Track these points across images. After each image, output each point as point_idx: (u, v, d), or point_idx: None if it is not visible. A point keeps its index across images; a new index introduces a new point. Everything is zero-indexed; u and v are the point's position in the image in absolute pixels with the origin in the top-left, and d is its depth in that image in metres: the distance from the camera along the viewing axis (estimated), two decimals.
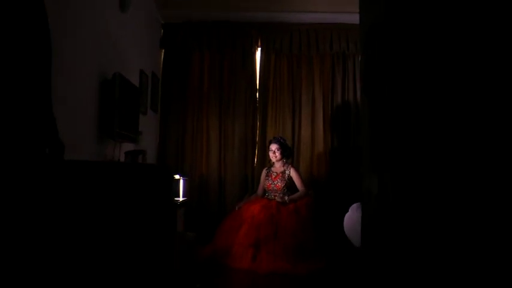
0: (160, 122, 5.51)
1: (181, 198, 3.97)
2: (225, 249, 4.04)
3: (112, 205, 1.82)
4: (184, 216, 4.05)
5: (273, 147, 4.62)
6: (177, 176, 3.90)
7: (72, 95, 2.89)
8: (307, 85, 5.54)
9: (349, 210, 3.72)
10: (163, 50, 5.63)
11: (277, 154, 4.60)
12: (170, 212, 1.86)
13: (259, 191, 4.77)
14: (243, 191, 5.34)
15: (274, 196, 4.53)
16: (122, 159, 3.60)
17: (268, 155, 4.73)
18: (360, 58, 5.14)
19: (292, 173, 4.58)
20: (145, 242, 1.85)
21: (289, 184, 4.58)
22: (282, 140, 4.68)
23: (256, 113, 5.55)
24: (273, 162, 4.73)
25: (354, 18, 2.43)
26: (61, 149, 1.97)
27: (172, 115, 5.52)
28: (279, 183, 4.54)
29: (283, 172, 4.60)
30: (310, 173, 5.40)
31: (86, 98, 3.16)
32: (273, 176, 4.63)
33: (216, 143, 5.50)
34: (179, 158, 5.48)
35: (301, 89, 5.55)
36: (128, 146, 3.84)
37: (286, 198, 4.39)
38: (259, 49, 5.62)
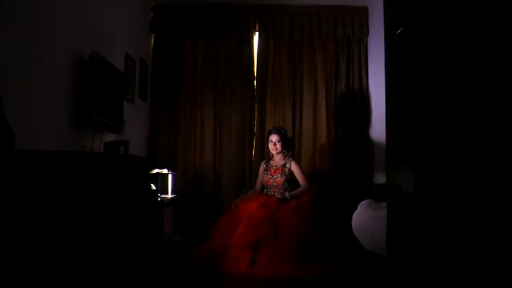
0: (150, 111, 5.10)
1: (169, 195, 3.56)
2: (220, 251, 3.65)
3: (66, 202, 1.42)
4: (174, 214, 3.66)
5: (273, 138, 4.23)
6: (164, 171, 3.49)
7: (40, 75, 2.48)
8: (309, 72, 5.14)
9: (358, 207, 3.33)
10: (153, 35, 5.20)
11: (277, 146, 4.21)
12: (145, 213, 1.45)
13: (257, 186, 4.38)
14: (240, 186, 4.96)
15: (274, 192, 4.14)
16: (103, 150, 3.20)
17: (267, 147, 4.33)
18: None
19: (293, 167, 4.19)
20: (110, 247, 1.45)
21: (290, 179, 4.18)
22: (282, 131, 4.28)
23: (254, 103, 5.16)
24: (272, 155, 4.33)
25: (359, 0, 2.03)
26: (10, 138, 1.59)
27: (164, 104, 5.11)
28: (279, 178, 4.15)
29: (283, 166, 4.21)
30: (312, 167, 5.01)
31: (57, 80, 2.75)
32: (272, 170, 4.24)
33: (211, 134, 5.10)
34: (171, 151, 5.08)
35: (303, 77, 5.14)
36: (111, 137, 3.43)
37: (286, 194, 4.00)
38: (257, 34, 5.21)
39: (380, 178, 4.90)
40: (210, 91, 5.13)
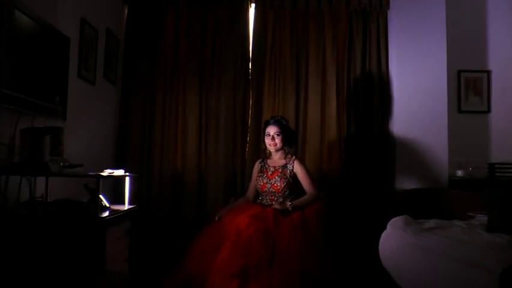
0: (121, 98, 4.14)
1: (126, 206, 2.60)
2: (198, 280, 2.71)
3: None
4: (133, 232, 2.69)
5: (271, 130, 3.27)
6: (118, 172, 2.54)
7: None
8: (316, 53, 4.20)
9: (388, 227, 2.38)
10: (127, 6, 4.24)
11: (277, 141, 3.25)
12: None
13: (250, 193, 3.43)
14: (229, 191, 4.02)
15: (271, 201, 3.19)
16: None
17: (264, 142, 3.36)
18: None
19: (297, 168, 3.23)
20: None
21: (292, 184, 3.22)
22: (283, 121, 3.32)
23: (248, 88, 4.21)
24: (270, 153, 3.37)
25: None
26: None
27: (138, 90, 4.16)
28: (278, 183, 3.19)
29: (284, 167, 3.25)
30: (319, 168, 4.07)
31: None
32: (270, 172, 3.28)
33: (194, 127, 4.16)
34: (145, 148, 4.13)
35: (308, 59, 4.20)
36: (47, 123, 2.47)
37: (288, 204, 3.04)
38: (253, 5, 4.27)
39: (404, 182, 3.96)
40: (195, 75, 4.19)
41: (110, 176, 2.38)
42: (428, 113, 4.01)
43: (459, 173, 4.08)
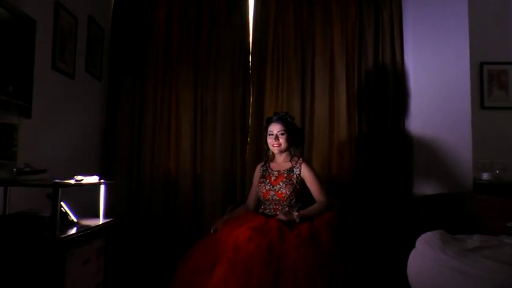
0: (107, 94, 3.73)
1: (100, 221, 2.18)
2: None
3: None
4: (110, 250, 2.26)
5: (275, 128, 2.86)
6: (91, 179, 2.12)
7: None
8: (323, 44, 3.78)
9: (418, 244, 1.95)
10: None
11: (281, 141, 2.83)
12: None
13: (250, 201, 3.00)
14: (228, 199, 3.60)
15: (275, 211, 2.77)
16: None
17: (266, 143, 2.94)
18: None
19: (305, 172, 2.81)
20: None
21: (300, 191, 2.79)
22: (288, 118, 2.90)
23: (248, 85, 3.80)
24: (272, 155, 2.95)
25: None
26: None
27: (126, 85, 3.76)
28: (283, 190, 2.76)
29: (290, 171, 2.83)
30: (327, 172, 3.65)
31: None
32: (273, 178, 2.86)
33: (189, 126, 3.75)
34: (134, 148, 3.72)
35: (315, 50, 3.78)
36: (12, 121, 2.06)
37: (295, 214, 2.62)
38: None
39: (423, 187, 3.54)
40: (189, 70, 3.78)
41: (71, 185, 1.94)
42: (449, 110, 3.58)
43: (485, 175, 3.66)
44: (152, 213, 3.64)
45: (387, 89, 3.70)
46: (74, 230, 1.80)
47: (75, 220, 1.98)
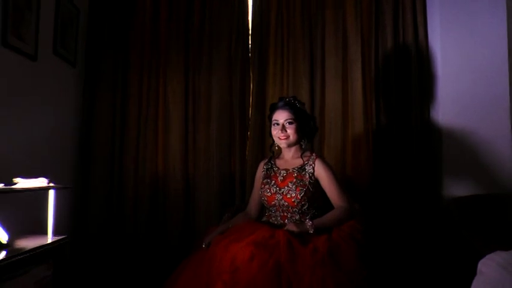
0: (84, 82, 3.20)
1: (48, 239, 1.63)
2: None
3: None
4: (56, 280, 1.71)
5: (281, 116, 2.31)
6: (34, 182, 1.58)
7: None
8: (335, 21, 3.24)
9: (482, 269, 1.39)
10: None
11: (289, 131, 2.28)
12: None
13: (252, 207, 2.47)
14: (225, 204, 3.08)
15: (283, 219, 2.23)
16: None
17: (270, 135, 2.40)
18: None
19: (320, 171, 2.26)
20: None
21: (314, 194, 2.24)
22: (297, 104, 2.35)
23: (248, 69, 3.27)
24: (278, 150, 2.41)
25: None
26: None
27: (106, 72, 3.23)
28: (293, 193, 2.21)
29: (301, 169, 2.28)
30: (341, 172, 3.11)
31: None
32: (280, 178, 2.31)
33: (179, 120, 3.23)
34: (115, 147, 3.20)
35: (325, 28, 3.25)
36: None
37: (308, 224, 2.07)
38: None
39: (454, 187, 3.02)
40: (179, 54, 3.26)
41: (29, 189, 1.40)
42: (484, 97, 3.05)
43: None
44: (137, 222, 3.13)
45: (410, 73, 3.16)
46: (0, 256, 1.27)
47: (3, 241, 1.45)
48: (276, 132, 2.29)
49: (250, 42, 3.27)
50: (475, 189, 2.96)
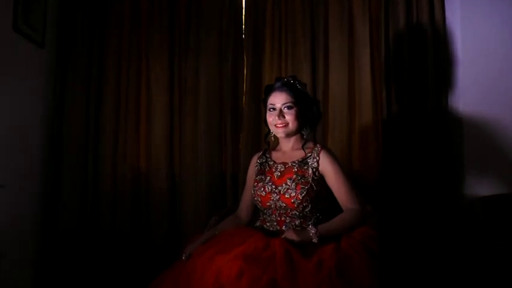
0: (55, 66, 2.83)
1: None
2: None
3: None
4: None
5: (279, 100, 1.90)
6: None
7: None
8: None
9: None
10: None
11: (288, 118, 1.88)
12: None
13: (243, 209, 2.07)
14: (216, 206, 2.71)
15: (280, 225, 1.85)
16: None
17: (265, 123, 2.01)
18: None
19: (326, 165, 1.87)
20: None
21: (318, 193, 1.83)
22: (298, 85, 1.96)
23: (241, 53, 2.89)
24: (273, 140, 2.01)
25: None
26: None
27: (79, 55, 2.85)
28: (292, 192, 1.81)
29: (303, 163, 1.88)
30: (347, 168, 2.69)
31: None
32: (277, 174, 1.91)
33: (163, 108, 2.86)
34: (90, 139, 2.84)
35: (328, 6, 2.85)
36: None
37: (312, 231, 1.68)
38: None
39: (477, 185, 2.64)
40: (163, 35, 2.89)
41: None
42: (510, 83, 2.67)
43: None
44: (114, 228, 2.77)
45: (425, 57, 2.77)
46: None
47: None
48: (272, 119, 1.90)
49: (243, 22, 2.89)
50: (499, 187, 2.59)
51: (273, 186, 1.85)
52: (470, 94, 2.71)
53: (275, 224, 1.85)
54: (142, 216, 2.80)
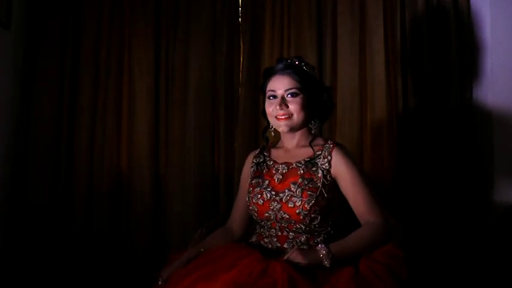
0: (24, 51, 2.49)
1: None
2: None
3: None
4: None
5: (281, 85, 1.52)
6: None
7: None
8: None
9: None
10: None
11: (293, 107, 1.50)
12: None
13: (235, 221, 1.68)
14: (207, 213, 2.38)
15: (282, 241, 1.48)
16: None
17: (264, 115, 1.64)
18: None
19: (341, 167, 1.47)
20: None
21: (330, 202, 1.46)
22: (305, 67, 1.59)
23: (237, 37, 2.54)
24: (273, 135, 1.64)
25: None
26: None
27: (51, 38, 2.50)
28: (297, 200, 1.44)
29: (311, 163, 1.51)
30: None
31: None
32: (277, 177, 1.53)
33: (147, 101, 2.51)
34: (63, 136, 2.49)
35: None
36: None
37: (323, 252, 1.32)
38: None
39: (509, 190, 2.26)
40: (148, 15, 2.54)
41: None
42: None
43: None
44: (90, 237, 2.42)
45: (448, 42, 2.41)
46: None
47: None
48: (272, 109, 1.53)
49: (240, 3, 2.55)
50: None
51: (273, 193, 1.48)
52: (500, 85, 2.35)
53: (275, 240, 1.48)
54: (122, 228, 2.47)
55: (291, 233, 1.46)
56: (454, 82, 2.38)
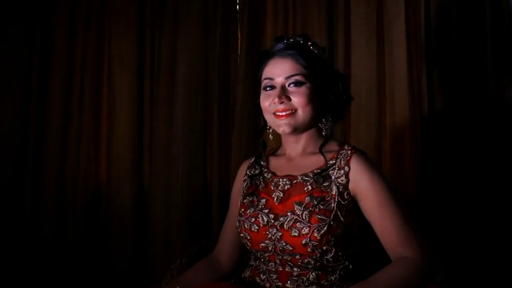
0: None
1: None
2: None
3: None
4: None
5: (279, 70, 1.17)
6: None
7: None
8: None
9: None
10: None
11: (296, 99, 1.15)
12: None
13: (223, 248, 1.33)
14: (197, 233, 2.08)
15: (283, 279, 1.12)
16: None
17: (259, 111, 1.31)
18: None
19: (361, 180, 1.10)
20: None
21: (349, 228, 1.09)
22: (312, 47, 1.24)
23: (234, 26, 2.25)
24: (271, 138, 1.28)
25: None
26: None
27: (18, 28, 2.24)
28: (305, 227, 1.08)
29: (322, 175, 1.14)
30: None
31: None
32: (277, 196, 1.17)
33: (129, 100, 2.22)
34: (30, 141, 2.22)
35: None
36: None
37: None
38: None
39: None
40: (130, 3, 2.26)
41: None
42: None
43: None
44: (61, 258, 2.15)
45: (483, 33, 2.09)
46: None
47: None
48: (269, 102, 1.18)
49: None
50: None
51: (271, 216, 1.11)
52: None
53: (274, 277, 1.12)
54: (99, 249, 2.17)
55: (295, 269, 1.10)
56: (490, 79, 2.06)
